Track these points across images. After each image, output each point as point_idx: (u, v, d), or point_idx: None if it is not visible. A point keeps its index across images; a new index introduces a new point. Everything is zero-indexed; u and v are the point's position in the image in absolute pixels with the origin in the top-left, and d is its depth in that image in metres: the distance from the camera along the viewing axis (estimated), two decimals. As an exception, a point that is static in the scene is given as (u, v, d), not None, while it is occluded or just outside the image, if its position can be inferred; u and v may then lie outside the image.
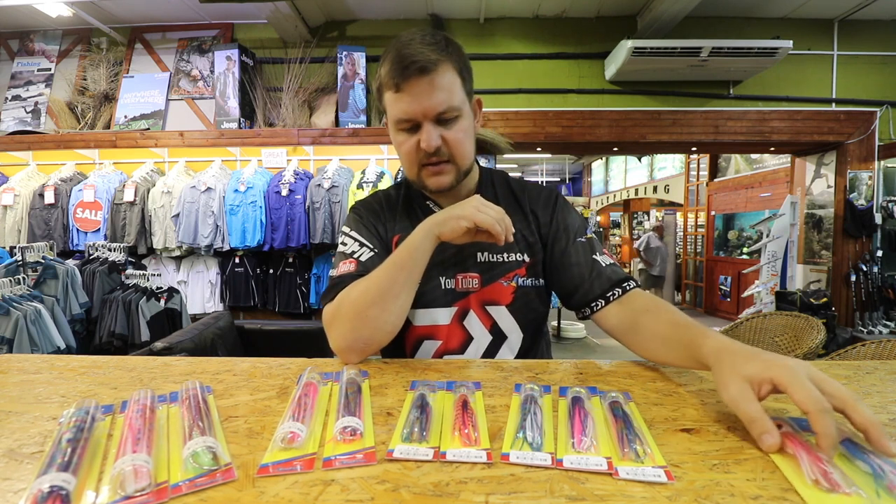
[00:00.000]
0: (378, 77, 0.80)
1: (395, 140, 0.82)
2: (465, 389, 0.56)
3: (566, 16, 3.93)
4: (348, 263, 0.81)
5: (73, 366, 0.69)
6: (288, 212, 3.41)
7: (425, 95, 0.74)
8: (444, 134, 0.77)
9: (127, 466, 0.37)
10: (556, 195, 0.91)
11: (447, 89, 0.75)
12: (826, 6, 3.78)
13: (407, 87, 0.74)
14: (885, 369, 0.69)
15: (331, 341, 0.72)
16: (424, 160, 0.79)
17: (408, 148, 0.78)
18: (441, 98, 0.74)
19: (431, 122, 0.75)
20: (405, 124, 0.77)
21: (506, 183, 0.93)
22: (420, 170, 0.80)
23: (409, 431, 0.46)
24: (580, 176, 13.93)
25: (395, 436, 0.46)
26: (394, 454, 0.43)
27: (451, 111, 0.76)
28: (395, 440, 0.46)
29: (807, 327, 2.24)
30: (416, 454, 0.43)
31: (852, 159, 4.00)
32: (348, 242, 0.85)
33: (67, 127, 3.94)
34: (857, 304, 4.00)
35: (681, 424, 0.49)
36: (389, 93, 0.76)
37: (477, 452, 0.42)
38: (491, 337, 0.84)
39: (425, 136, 0.75)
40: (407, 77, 0.73)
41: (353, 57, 3.75)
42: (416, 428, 0.47)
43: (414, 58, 0.72)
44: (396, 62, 0.73)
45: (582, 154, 10.82)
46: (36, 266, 2.63)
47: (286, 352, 0.85)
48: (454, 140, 0.78)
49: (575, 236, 0.85)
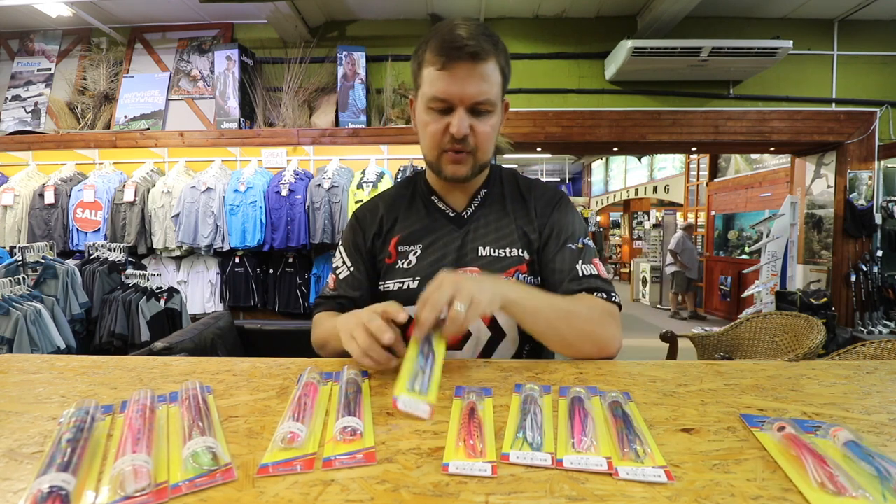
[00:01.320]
0: (419, 53, 0.79)
1: (421, 119, 0.81)
2: (475, 396, 0.54)
3: (566, 16, 3.93)
4: (332, 279, 0.90)
5: (73, 366, 0.69)
6: (288, 212, 3.41)
7: (469, 81, 0.74)
8: (474, 125, 0.77)
9: (127, 466, 0.37)
10: (560, 196, 0.91)
11: (490, 82, 0.75)
12: (826, 6, 3.78)
13: (453, 67, 0.73)
14: (885, 369, 0.69)
15: None
16: (448, 146, 0.78)
17: (434, 129, 0.78)
18: (482, 88, 0.74)
19: (466, 109, 0.75)
20: (439, 104, 0.76)
21: (514, 180, 0.94)
22: (441, 154, 0.80)
23: (413, 383, 0.51)
24: (580, 176, 13.93)
25: (400, 384, 0.52)
26: (398, 403, 0.50)
27: (487, 104, 0.76)
28: (399, 387, 0.51)
29: (807, 327, 2.24)
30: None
31: (852, 159, 4.00)
32: (337, 256, 0.94)
33: (67, 127, 3.94)
34: (857, 304, 4.00)
35: (681, 424, 0.49)
36: (431, 69, 0.76)
37: (482, 466, 0.41)
38: (490, 333, 0.84)
39: (457, 121, 0.75)
40: (455, 58, 0.73)
41: (353, 57, 3.75)
42: (418, 379, 0.52)
43: (467, 42, 0.72)
44: (448, 41, 0.73)
45: (582, 154, 10.82)
46: (36, 266, 2.63)
47: (286, 352, 0.85)
48: (482, 133, 0.78)
49: (566, 242, 0.84)
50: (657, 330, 2.88)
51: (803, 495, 0.36)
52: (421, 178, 0.95)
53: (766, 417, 0.50)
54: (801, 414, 0.53)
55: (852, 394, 0.59)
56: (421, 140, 0.83)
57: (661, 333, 2.60)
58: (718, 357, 2.45)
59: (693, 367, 0.69)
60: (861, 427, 0.49)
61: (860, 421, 0.51)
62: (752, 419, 0.50)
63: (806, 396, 0.58)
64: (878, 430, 0.49)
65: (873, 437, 0.47)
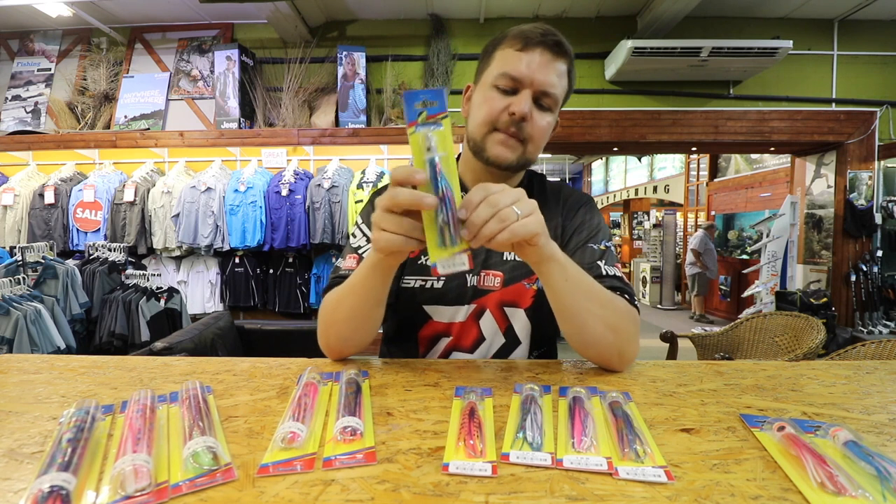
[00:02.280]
0: (493, 42, 0.79)
1: (480, 96, 0.78)
2: (475, 396, 0.54)
3: (566, 16, 3.93)
4: (350, 259, 0.81)
5: (73, 366, 0.69)
6: (288, 212, 3.41)
7: (545, 67, 0.74)
8: (534, 113, 0.75)
9: (127, 466, 0.37)
10: (586, 199, 0.89)
11: (560, 79, 0.76)
12: (826, 6, 3.78)
13: (534, 51, 0.74)
14: (885, 369, 0.69)
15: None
16: (503, 125, 0.75)
17: (493, 106, 0.75)
18: (553, 80, 0.75)
19: (531, 94, 0.74)
20: (508, 83, 0.74)
21: (542, 183, 0.92)
22: (491, 132, 0.77)
23: (442, 239, 0.53)
24: (580, 176, 13.93)
25: (432, 249, 0.54)
26: (438, 269, 0.54)
27: (551, 98, 0.76)
28: (432, 254, 0.54)
29: (807, 327, 2.24)
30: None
31: (852, 159, 4.00)
32: (357, 235, 0.84)
33: (67, 127, 3.94)
34: (857, 304, 4.00)
35: (681, 424, 0.49)
36: (509, 49, 0.75)
37: (482, 466, 0.41)
38: (504, 340, 0.82)
39: (521, 99, 0.73)
40: (539, 43, 0.74)
41: (353, 57, 3.75)
42: (445, 234, 0.54)
43: (554, 35, 0.75)
44: (534, 29, 0.75)
45: (582, 154, 10.82)
46: (36, 266, 2.63)
47: (286, 352, 0.85)
48: (539, 125, 0.76)
49: (588, 240, 0.81)
50: (657, 330, 2.88)
51: (803, 495, 0.37)
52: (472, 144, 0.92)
53: (766, 417, 0.50)
54: (801, 414, 0.53)
55: (852, 394, 0.59)
56: (471, 120, 0.80)
57: (661, 333, 2.60)
58: (718, 357, 2.45)
59: (693, 367, 0.69)
60: (861, 427, 0.49)
61: (860, 421, 0.51)
62: (752, 419, 0.50)
63: (806, 396, 0.58)
64: (878, 430, 0.49)
65: (873, 437, 0.47)
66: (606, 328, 0.66)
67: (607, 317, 0.66)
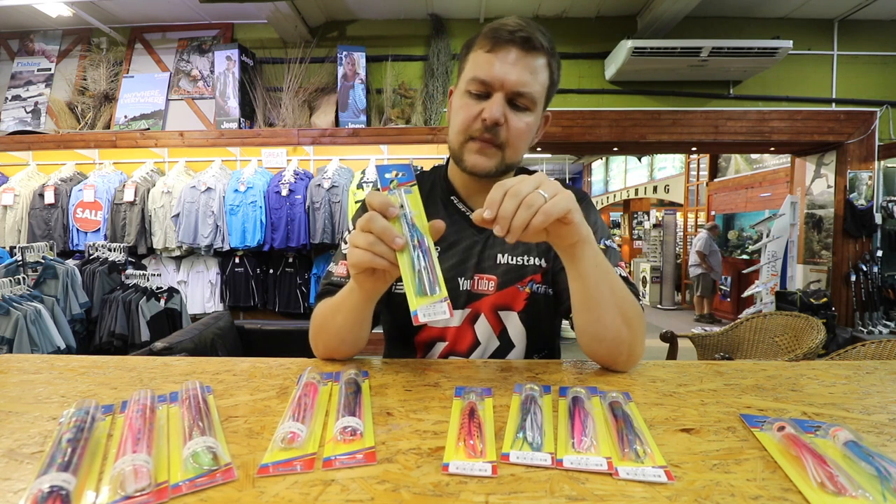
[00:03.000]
0: (469, 42, 0.77)
1: (456, 104, 0.77)
2: (475, 396, 0.54)
3: (566, 16, 3.93)
4: (342, 265, 0.81)
5: (73, 366, 0.69)
6: (288, 212, 3.42)
7: (514, 66, 0.71)
8: (510, 117, 0.72)
9: (127, 466, 0.37)
10: (581, 195, 0.87)
11: (535, 76, 0.72)
12: (826, 6, 3.78)
13: (501, 50, 0.71)
14: (885, 369, 0.69)
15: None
16: (476, 132, 0.74)
17: (467, 114, 0.74)
18: (525, 78, 0.71)
19: (504, 96, 0.72)
20: (479, 87, 0.72)
21: None
22: (466, 142, 0.75)
23: (420, 286, 0.53)
24: (580, 176, 13.93)
25: (411, 297, 0.54)
26: (419, 318, 0.53)
27: (527, 98, 0.72)
28: (411, 302, 0.54)
29: (807, 327, 2.24)
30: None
31: (852, 159, 4.00)
32: (348, 240, 0.84)
33: (67, 127, 3.94)
34: (857, 304, 4.00)
35: (681, 424, 0.49)
36: (480, 51, 0.73)
37: (482, 466, 0.41)
38: (499, 343, 0.82)
39: (492, 104, 0.71)
40: (506, 42, 0.71)
41: (353, 57, 3.75)
42: (423, 280, 0.54)
43: (523, 30, 0.71)
44: (503, 26, 0.72)
45: (582, 154, 10.82)
46: (36, 266, 2.63)
47: (286, 352, 0.85)
48: (516, 128, 0.73)
49: None
50: (657, 330, 2.88)
51: (803, 495, 0.36)
52: (440, 174, 0.90)
53: (766, 417, 0.50)
54: (801, 414, 0.53)
55: (852, 394, 0.59)
56: (450, 129, 0.79)
57: (662, 333, 2.60)
58: (718, 357, 2.45)
59: (693, 367, 0.69)
60: (861, 427, 0.49)
61: (860, 421, 0.51)
62: (752, 419, 0.50)
63: (806, 396, 0.58)
64: (878, 430, 0.49)
65: (873, 437, 0.47)
66: (623, 322, 0.65)
67: (626, 310, 0.65)
